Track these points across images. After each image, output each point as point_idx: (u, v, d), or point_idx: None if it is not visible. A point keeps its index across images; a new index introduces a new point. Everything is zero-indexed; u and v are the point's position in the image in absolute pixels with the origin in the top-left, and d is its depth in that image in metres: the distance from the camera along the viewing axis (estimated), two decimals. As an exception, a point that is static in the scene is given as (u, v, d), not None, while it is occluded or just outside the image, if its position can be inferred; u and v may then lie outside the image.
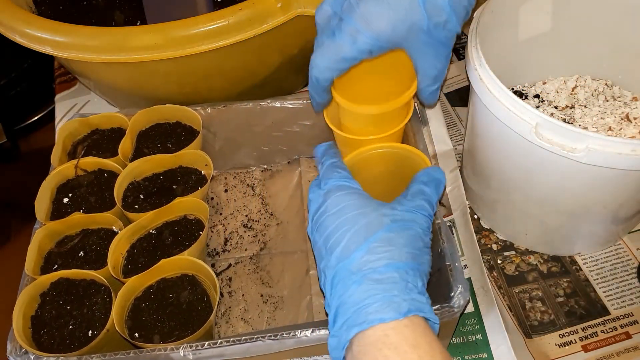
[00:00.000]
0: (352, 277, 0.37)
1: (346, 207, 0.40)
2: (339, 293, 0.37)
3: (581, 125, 0.58)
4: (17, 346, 0.44)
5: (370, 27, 0.42)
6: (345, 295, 0.36)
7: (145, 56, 0.51)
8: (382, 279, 0.36)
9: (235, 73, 0.58)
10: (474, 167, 0.57)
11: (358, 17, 0.42)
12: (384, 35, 0.42)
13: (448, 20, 0.42)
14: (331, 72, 0.45)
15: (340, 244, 0.38)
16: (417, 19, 0.42)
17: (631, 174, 0.43)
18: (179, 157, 0.56)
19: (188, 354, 0.42)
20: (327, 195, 0.42)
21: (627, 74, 0.60)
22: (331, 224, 0.40)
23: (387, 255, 0.37)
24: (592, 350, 0.50)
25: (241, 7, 0.51)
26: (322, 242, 0.40)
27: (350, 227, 0.39)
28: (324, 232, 0.40)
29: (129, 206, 0.53)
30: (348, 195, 0.41)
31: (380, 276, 0.36)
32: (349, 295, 0.36)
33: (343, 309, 0.36)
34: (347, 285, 0.37)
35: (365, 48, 0.42)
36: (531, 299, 0.54)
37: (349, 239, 0.38)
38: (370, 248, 0.37)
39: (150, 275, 0.48)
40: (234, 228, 0.60)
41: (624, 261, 0.56)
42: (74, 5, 0.69)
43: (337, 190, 0.42)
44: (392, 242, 0.38)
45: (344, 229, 0.39)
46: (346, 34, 0.42)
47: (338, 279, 0.38)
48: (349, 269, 0.37)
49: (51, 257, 0.51)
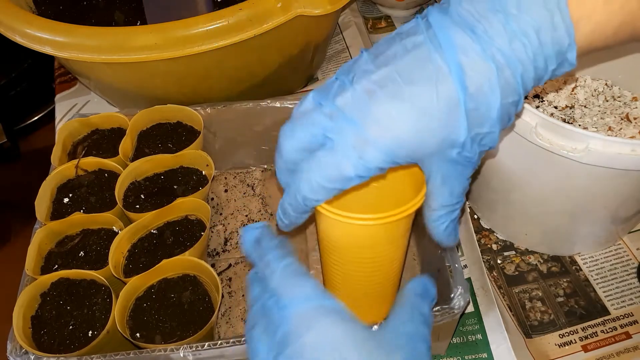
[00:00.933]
0: None
1: (340, 348, 0.28)
2: None
3: (581, 125, 0.58)
4: (17, 346, 0.44)
5: (386, 135, 0.31)
6: None
7: (145, 56, 0.51)
8: None
9: (235, 73, 0.58)
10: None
11: (369, 121, 0.31)
12: (404, 149, 0.31)
13: (489, 134, 0.32)
14: (326, 192, 0.33)
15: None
16: (453, 130, 0.31)
17: (631, 174, 0.43)
18: (180, 157, 0.56)
19: (188, 355, 0.42)
20: (299, 322, 0.29)
21: (627, 74, 0.60)
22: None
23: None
24: (592, 350, 0.50)
25: (241, 7, 0.51)
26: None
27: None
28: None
29: (130, 206, 0.53)
30: (334, 326, 0.29)
31: None
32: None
33: None
34: None
35: (376, 165, 0.32)
36: (531, 299, 0.54)
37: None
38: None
39: (152, 275, 0.48)
40: (234, 228, 0.60)
41: (624, 261, 0.56)
42: (74, 5, 0.69)
43: (316, 316, 0.29)
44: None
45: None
46: (348, 145, 0.31)
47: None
48: None
49: (51, 257, 0.51)
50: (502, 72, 0.30)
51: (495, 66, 0.30)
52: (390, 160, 0.32)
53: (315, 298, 0.30)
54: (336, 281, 0.41)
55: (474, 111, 0.31)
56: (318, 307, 0.30)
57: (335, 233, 0.38)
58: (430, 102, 0.30)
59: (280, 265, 0.32)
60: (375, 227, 0.36)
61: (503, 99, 0.31)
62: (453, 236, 0.36)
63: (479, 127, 0.31)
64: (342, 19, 0.83)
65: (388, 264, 0.41)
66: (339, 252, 0.40)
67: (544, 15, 0.29)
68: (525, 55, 0.30)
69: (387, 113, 0.31)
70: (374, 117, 0.31)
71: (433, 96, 0.30)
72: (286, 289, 0.31)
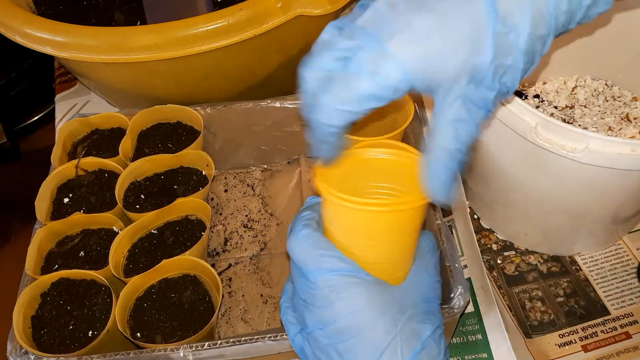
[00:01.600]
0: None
1: (363, 312, 0.34)
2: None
3: (581, 126, 0.58)
4: (17, 346, 0.44)
5: (407, 49, 0.28)
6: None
7: (145, 56, 0.51)
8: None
9: (235, 73, 0.58)
10: (474, 166, 0.57)
11: (388, 34, 0.28)
12: (423, 68, 0.29)
13: (511, 68, 0.30)
14: (339, 116, 0.30)
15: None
16: (478, 53, 0.29)
17: (631, 174, 0.43)
18: (180, 157, 0.56)
19: (188, 355, 0.42)
20: (330, 290, 0.34)
21: (627, 74, 0.60)
22: (348, 331, 0.34)
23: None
24: (592, 350, 0.50)
25: (241, 7, 0.51)
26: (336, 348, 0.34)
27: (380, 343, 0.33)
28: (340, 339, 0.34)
29: (130, 206, 0.53)
30: (361, 293, 0.34)
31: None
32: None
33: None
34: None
35: (391, 83, 0.29)
36: (531, 299, 0.54)
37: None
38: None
39: (152, 275, 0.48)
40: (234, 228, 0.60)
41: (624, 261, 0.56)
42: (74, 5, 0.69)
43: (343, 285, 0.34)
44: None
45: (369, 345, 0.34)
46: (364, 60, 0.29)
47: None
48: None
49: (51, 257, 0.51)
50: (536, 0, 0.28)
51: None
52: (406, 80, 0.29)
53: (341, 269, 0.34)
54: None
55: (501, 36, 0.28)
56: (344, 276, 0.34)
57: (342, 221, 0.36)
58: (457, 18, 0.28)
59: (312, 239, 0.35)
60: (380, 215, 0.34)
61: (533, 28, 0.29)
62: (447, 190, 0.32)
63: (503, 57, 0.29)
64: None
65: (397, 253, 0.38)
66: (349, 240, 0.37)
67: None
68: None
69: (410, 25, 0.28)
70: (395, 29, 0.28)
71: (461, 12, 0.28)
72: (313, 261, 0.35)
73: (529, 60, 0.31)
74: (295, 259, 0.36)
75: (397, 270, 0.37)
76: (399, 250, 0.37)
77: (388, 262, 0.37)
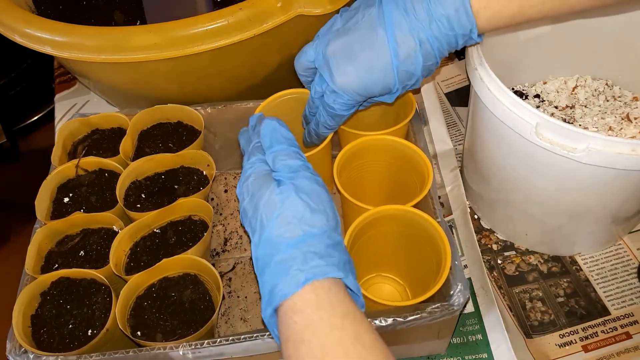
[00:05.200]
0: (267, 260, 0.38)
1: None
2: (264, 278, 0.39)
3: (581, 125, 0.58)
4: (16, 345, 0.44)
5: (346, 86, 0.45)
6: (264, 278, 0.38)
7: (145, 56, 0.51)
8: (284, 259, 0.37)
9: (235, 73, 0.58)
10: (474, 166, 0.57)
11: (335, 77, 0.45)
12: (359, 94, 0.46)
13: (414, 84, 0.46)
14: (331, 124, 0.49)
15: (259, 224, 0.40)
16: (389, 83, 0.45)
17: (631, 173, 0.43)
18: (181, 157, 0.56)
19: (187, 353, 0.42)
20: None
21: (628, 74, 0.60)
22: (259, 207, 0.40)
23: (287, 234, 0.38)
24: (593, 351, 0.50)
25: (241, 6, 0.50)
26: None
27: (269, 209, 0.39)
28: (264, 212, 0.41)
29: (131, 205, 0.53)
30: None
31: (283, 256, 0.37)
32: (265, 280, 0.38)
33: (263, 291, 0.38)
34: (263, 270, 0.38)
35: (347, 104, 0.47)
36: (531, 299, 0.54)
37: (261, 217, 0.39)
38: (274, 230, 0.38)
39: (153, 273, 0.48)
40: (234, 228, 0.60)
41: (624, 261, 0.56)
42: (74, 5, 0.69)
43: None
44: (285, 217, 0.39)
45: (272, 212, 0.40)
46: (328, 93, 0.47)
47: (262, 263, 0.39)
48: (267, 252, 0.38)
49: (52, 257, 0.51)
50: (424, 45, 0.43)
51: (418, 41, 0.42)
52: (354, 100, 0.47)
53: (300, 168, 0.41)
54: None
55: (403, 71, 0.44)
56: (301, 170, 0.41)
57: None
58: (374, 64, 0.44)
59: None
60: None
61: (424, 62, 0.44)
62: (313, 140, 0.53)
63: (407, 81, 0.45)
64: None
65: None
66: None
67: (454, 6, 0.41)
68: (440, 34, 0.42)
69: (345, 72, 0.45)
70: (338, 74, 0.45)
71: (376, 61, 0.44)
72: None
73: (426, 74, 0.46)
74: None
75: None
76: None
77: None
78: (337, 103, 0.47)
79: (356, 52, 0.44)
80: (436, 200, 0.50)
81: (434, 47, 0.43)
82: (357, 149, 0.51)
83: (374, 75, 0.44)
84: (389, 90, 0.46)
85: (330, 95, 0.47)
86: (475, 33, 0.42)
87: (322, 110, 0.49)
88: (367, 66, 0.44)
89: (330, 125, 0.50)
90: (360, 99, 0.47)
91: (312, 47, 0.48)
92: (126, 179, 0.54)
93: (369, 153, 0.53)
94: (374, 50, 0.44)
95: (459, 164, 0.62)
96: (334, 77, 0.45)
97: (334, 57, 0.45)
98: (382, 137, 0.51)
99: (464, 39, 0.43)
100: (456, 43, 0.43)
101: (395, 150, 0.52)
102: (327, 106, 0.48)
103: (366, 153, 0.52)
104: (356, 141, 0.51)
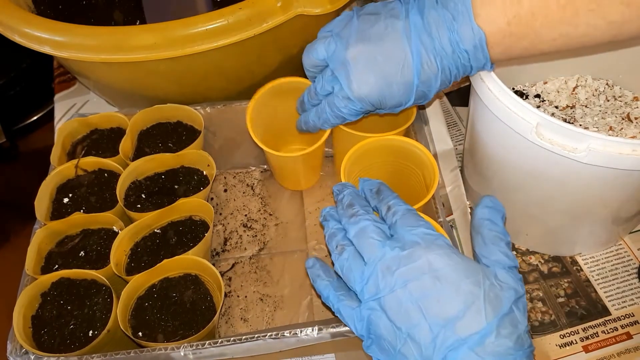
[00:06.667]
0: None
1: (447, 269, 0.37)
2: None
3: (582, 125, 0.58)
4: (17, 346, 0.43)
5: (361, 93, 0.45)
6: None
7: (145, 56, 0.51)
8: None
9: (235, 73, 0.58)
10: (475, 166, 0.57)
11: (351, 82, 0.45)
12: (371, 104, 0.47)
13: (424, 101, 0.47)
14: (334, 123, 0.50)
15: (456, 315, 0.35)
16: (404, 99, 0.46)
17: (632, 174, 0.43)
18: (181, 157, 0.56)
19: (189, 353, 0.42)
20: (416, 248, 0.38)
21: (628, 74, 0.60)
22: (433, 287, 0.36)
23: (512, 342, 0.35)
24: (593, 351, 0.50)
25: (241, 6, 0.50)
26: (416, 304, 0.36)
27: (467, 299, 0.35)
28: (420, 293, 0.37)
29: (131, 205, 0.53)
30: (446, 254, 0.37)
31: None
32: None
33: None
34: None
35: (356, 111, 0.47)
36: (532, 300, 0.54)
37: (469, 313, 0.35)
38: (498, 330, 0.35)
39: (154, 274, 0.48)
40: (234, 228, 0.60)
41: (625, 261, 0.56)
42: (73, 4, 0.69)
43: (430, 246, 0.38)
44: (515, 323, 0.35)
45: (457, 298, 0.36)
46: (340, 97, 0.47)
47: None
48: (474, 350, 0.34)
49: (52, 257, 0.51)
50: (444, 72, 0.44)
51: (440, 67, 0.44)
52: (365, 109, 0.47)
53: (430, 233, 0.39)
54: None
55: (420, 91, 0.45)
56: (433, 240, 0.38)
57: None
58: (395, 79, 0.45)
59: (402, 207, 0.42)
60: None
61: (440, 86, 0.45)
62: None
63: (420, 99, 0.47)
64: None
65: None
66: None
67: (472, 43, 0.42)
68: (460, 63, 0.44)
69: (365, 81, 0.45)
70: (356, 81, 0.45)
71: (398, 76, 0.44)
72: (408, 222, 0.40)
73: (443, 87, 0.46)
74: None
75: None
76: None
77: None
78: (347, 108, 0.47)
79: (379, 64, 0.44)
80: (438, 199, 0.50)
81: (452, 74, 0.45)
82: (364, 150, 0.51)
83: (392, 90, 0.45)
84: (401, 104, 0.47)
85: (343, 100, 0.47)
86: (488, 65, 0.44)
87: (328, 109, 0.49)
88: (388, 81, 0.44)
89: (332, 124, 0.50)
90: (370, 109, 0.47)
91: (324, 44, 0.47)
92: (126, 179, 0.54)
93: (376, 154, 0.52)
94: (398, 66, 0.44)
95: (459, 164, 0.62)
96: (352, 84, 0.45)
97: (355, 63, 0.45)
98: (389, 138, 0.51)
99: (478, 70, 0.45)
100: (470, 71, 0.45)
101: (402, 150, 0.52)
102: (335, 108, 0.48)
103: (373, 154, 0.52)
104: (362, 142, 0.51)
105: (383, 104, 0.46)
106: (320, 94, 0.49)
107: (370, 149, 0.52)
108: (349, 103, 0.46)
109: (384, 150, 0.52)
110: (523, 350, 0.35)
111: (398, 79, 0.44)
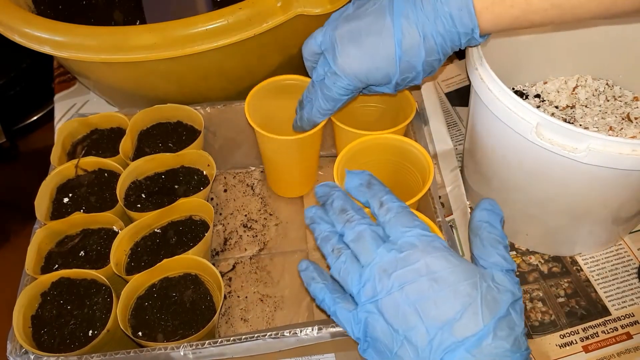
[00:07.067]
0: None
1: (444, 272, 0.36)
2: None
3: (582, 125, 0.58)
4: (17, 346, 0.43)
5: (347, 69, 0.45)
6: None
7: (145, 56, 0.51)
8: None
9: (235, 73, 0.58)
10: (475, 166, 0.57)
11: (338, 59, 0.46)
12: (358, 79, 0.46)
13: (415, 77, 0.46)
14: (327, 109, 0.49)
15: (455, 317, 0.35)
16: (390, 72, 0.45)
17: (632, 174, 0.43)
18: (181, 157, 0.56)
19: (188, 353, 0.42)
20: (413, 251, 0.38)
21: (628, 74, 0.60)
22: (430, 289, 0.36)
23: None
24: (593, 351, 0.50)
25: (241, 6, 0.50)
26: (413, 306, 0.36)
27: (465, 300, 0.35)
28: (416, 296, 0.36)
29: (131, 205, 0.53)
30: (443, 256, 0.37)
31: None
32: None
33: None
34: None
35: (345, 88, 0.47)
36: (532, 300, 0.54)
37: (466, 314, 0.35)
38: (496, 332, 0.35)
39: (153, 273, 0.48)
40: (234, 228, 0.60)
41: (625, 261, 0.56)
42: (73, 4, 0.69)
43: (428, 248, 0.38)
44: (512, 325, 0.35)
45: (456, 301, 0.35)
46: (329, 75, 0.47)
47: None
48: (471, 352, 0.34)
49: (52, 257, 0.51)
50: (427, 40, 0.43)
51: (422, 35, 0.43)
52: (354, 86, 0.46)
53: (426, 235, 0.39)
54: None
55: (405, 62, 0.44)
56: (429, 242, 0.38)
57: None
58: (377, 51, 0.44)
59: (396, 204, 0.41)
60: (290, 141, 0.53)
61: (427, 57, 0.44)
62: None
63: (408, 73, 0.45)
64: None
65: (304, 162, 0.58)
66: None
67: (457, 5, 0.41)
68: (443, 30, 0.43)
69: (349, 54, 0.45)
70: (341, 56, 0.45)
71: (379, 47, 0.44)
72: (403, 222, 0.40)
73: (429, 71, 0.46)
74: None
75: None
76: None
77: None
78: (336, 86, 0.47)
79: (362, 36, 0.44)
80: (437, 199, 0.50)
81: (437, 43, 0.43)
82: (360, 148, 0.51)
83: (376, 60, 0.44)
84: (389, 79, 0.46)
85: (331, 77, 0.47)
86: (477, 33, 0.43)
87: (320, 93, 0.48)
88: (370, 51, 0.44)
89: (324, 109, 0.49)
90: (360, 85, 0.47)
91: (322, 32, 0.48)
92: (126, 179, 0.54)
93: (372, 152, 0.52)
94: (379, 36, 0.44)
95: (459, 164, 0.62)
96: (336, 59, 0.46)
97: (341, 40, 0.45)
98: (385, 136, 0.51)
99: (467, 38, 0.44)
100: (459, 41, 0.44)
101: (398, 148, 0.52)
102: (325, 88, 0.47)
103: (369, 153, 0.52)
104: (358, 141, 0.51)
105: (370, 77, 0.46)
106: (315, 82, 0.49)
107: (365, 147, 0.52)
108: (336, 79, 0.46)
109: (380, 149, 0.52)
110: (520, 353, 0.35)
111: (380, 50, 0.44)
